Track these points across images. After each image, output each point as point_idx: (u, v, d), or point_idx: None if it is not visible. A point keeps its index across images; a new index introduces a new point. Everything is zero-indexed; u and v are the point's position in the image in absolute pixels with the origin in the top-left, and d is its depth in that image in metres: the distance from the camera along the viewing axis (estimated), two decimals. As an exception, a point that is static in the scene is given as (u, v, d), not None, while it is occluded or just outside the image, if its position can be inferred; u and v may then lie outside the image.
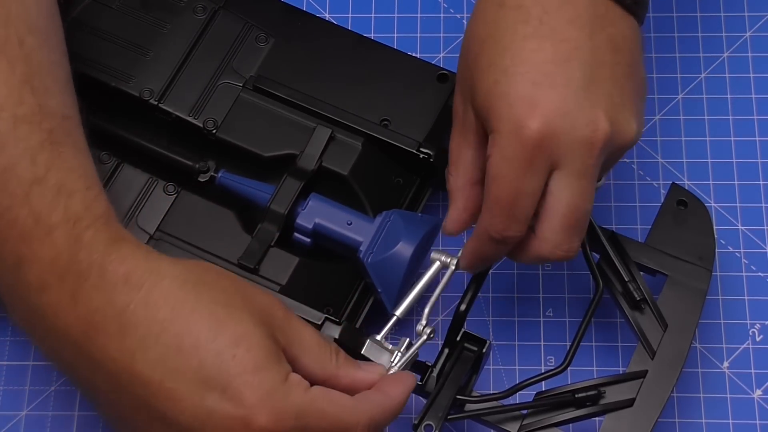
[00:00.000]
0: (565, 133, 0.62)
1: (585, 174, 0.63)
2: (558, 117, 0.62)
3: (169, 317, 0.59)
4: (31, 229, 0.60)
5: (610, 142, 0.63)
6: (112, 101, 0.75)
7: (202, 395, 0.58)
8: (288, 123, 0.75)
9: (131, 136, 0.75)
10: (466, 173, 0.67)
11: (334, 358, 0.63)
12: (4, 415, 0.76)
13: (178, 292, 0.59)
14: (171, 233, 0.73)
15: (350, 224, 0.72)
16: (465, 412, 0.69)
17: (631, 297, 0.70)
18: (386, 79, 0.76)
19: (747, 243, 0.79)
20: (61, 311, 0.60)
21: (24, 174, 0.60)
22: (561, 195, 0.63)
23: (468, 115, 0.67)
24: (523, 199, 0.63)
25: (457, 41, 0.85)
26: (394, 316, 0.69)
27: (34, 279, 0.60)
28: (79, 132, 0.64)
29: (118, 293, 0.59)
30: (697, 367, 0.76)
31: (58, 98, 0.63)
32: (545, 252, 0.65)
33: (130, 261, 0.60)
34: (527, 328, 0.77)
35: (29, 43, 0.62)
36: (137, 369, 0.59)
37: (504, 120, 0.62)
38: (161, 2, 0.77)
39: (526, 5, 0.64)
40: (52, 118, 0.62)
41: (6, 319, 0.78)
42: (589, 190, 0.64)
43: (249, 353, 0.58)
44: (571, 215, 0.64)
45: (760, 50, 0.84)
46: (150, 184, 0.75)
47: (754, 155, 0.81)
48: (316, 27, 0.78)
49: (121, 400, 0.60)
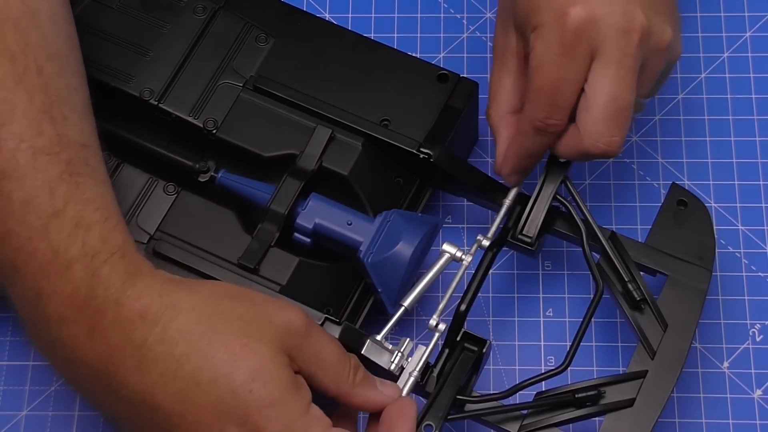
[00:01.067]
0: (604, 21, 0.65)
1: (624, 63, 0.65)
2: (597, 5, 0.64)
3: (186, 352, 0.59)
4: (50, 263, 0.60)
5: (647, 37, 0.65)
6: (112, 101, 0.75)
7: (222, 427, 0.59)
8: (288, 123, 0.75)
9: (131, 136, 0.75)
10: (507, 102, 0.70)
11: (351, 376, 0.63)
12: (4, 415, 0.76)
13: (194, 326, 0.60)
14: (171, 233, 0.73)
15: (350, 224, 0.72)
16: (465, 412, 0.69)
17: (631, 297, 0.70)
18: (386, 79, 0.76)
19: (747, 243, 0.79)
20: (80, 345, 0.60)
21: (43, 207, 0.60)
22: (601, 84, 0.65)
23: (509, 40, 0.69)
24: (565, 87, 0.65)
25: (457, 41, 0.85)
26: (402, 307, 0.69)
27: (53, 312, 0.60)
28: (97, 159, 0.64)
29: (135, 329, 0.60)
30: (697, 367, 0.76)
31: (77, 126, 0.63)
32: (587, 145, 0.66)
33: (146, 296, 0.60)
34: (527, 328, 0.77)
35: (48, 70, 0.63)
36: (158, 401, 0.60)
37: (546, 11, 0.65)
38: (161, 2, 0.77)
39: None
40: (71, 148, 0.62)
41: (6, 319, 0.78)
42: (629, 81, 0.65)
43: (265, 388, 0.59)
44: (612, 105, 0.65)
45: (760, 50, 0.84)
46: (150, 184, 0.75)
47: (754, 155, 0.81)
48: (316, 27, 0.78)
49: (144, 426, 0.61)
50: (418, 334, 0.77)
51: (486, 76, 0.84)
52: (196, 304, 0.60)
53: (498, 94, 0.71)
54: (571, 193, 0.72)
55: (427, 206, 0.78)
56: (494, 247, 0.71)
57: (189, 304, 0.60)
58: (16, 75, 0.62)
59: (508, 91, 0.70)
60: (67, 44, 0.66)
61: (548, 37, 0.65)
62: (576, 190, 0.72)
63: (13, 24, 0.62)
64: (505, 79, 0.70)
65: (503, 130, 0.71)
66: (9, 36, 0.62)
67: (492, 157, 0.81)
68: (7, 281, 0.62)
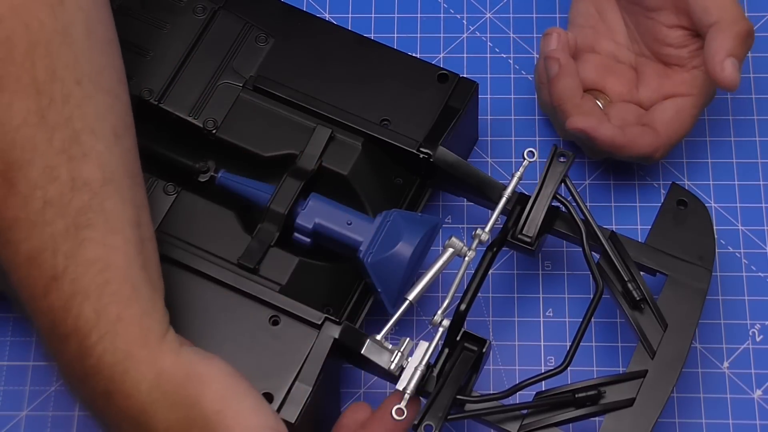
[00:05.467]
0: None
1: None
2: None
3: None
4: (50, 329, 0.61)
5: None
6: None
7: None
8: (288, 123, 0.75)
9: (131, 136, 0.75)
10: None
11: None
12: (4, 415, 0.76)
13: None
14: (171, 233, 0.73)
15: (350, 224, 0.72)
16: (465, 412, 0.69)
17: (631, 297, 0.70)
18: (386, 79, 0.76)
19: (747, 243, 0.79)
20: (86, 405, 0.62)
21: (45, 266, 0.60)
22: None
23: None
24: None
25: (457, 41, 0.85)
26: (407, 301, 0.69)
27: (62, 371, 0.62)
28: (116, 200, 0.62)
29: (124, 421, 0.61)
30: (697, 367, 0.76)
31: (99, 160, 0.61)
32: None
33: (132, 400, 0.60)
34: (527, 328, 0.77)
35: (76, 96, 0.61)
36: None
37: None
38: (161, 2, 0.77)
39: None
40: (84, 192, 0.61)
41: (6, 319, 0.78)
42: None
43: None
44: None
45: (760, 50, 0.84)
46: (150, 184, 0.75)
47: (754, 155, 0.81)
48: (316, 27, 0.78)
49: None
50: (418, 334, 0.77)
51: (486, 76, 0.84)
52: (171, 425, 0.60)
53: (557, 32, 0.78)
54: (571, 193, 0.72)
55: (427, 206, 0.78)
56: (494, 246, 0.71)
57: (163, 423, 0.60)
58: (40, 109, 0.60)
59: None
60: (103, 54, 0.64)
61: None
62: (576, 190, 0.72)
63: (44, 49, 0.60)
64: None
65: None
66: (38, 64, 0.60)
67: (492, 157, 0.82)
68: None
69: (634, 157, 0.76)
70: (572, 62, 0.77)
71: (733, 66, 0.73)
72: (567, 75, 0.76)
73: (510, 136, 0.83)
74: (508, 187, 0.72)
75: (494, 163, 0.82)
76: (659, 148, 0.76)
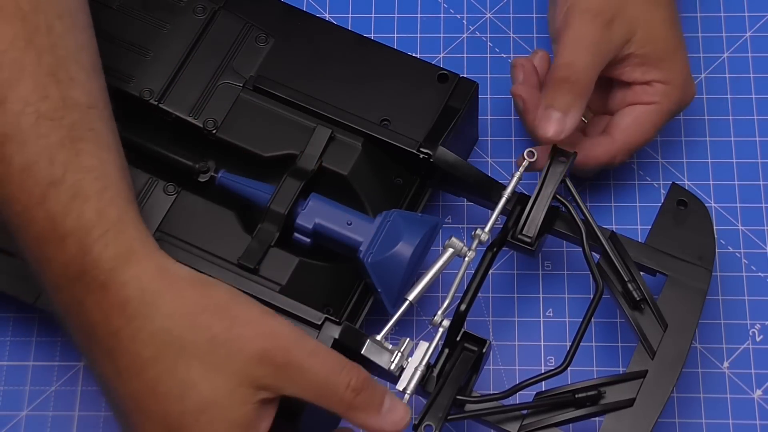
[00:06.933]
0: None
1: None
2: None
3: (152, 357, 0.60)
4: (47, 233, 0.61)
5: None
6: (112, 101, 0.75)
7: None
8: (288, 123, 0.75)
9: (131, 136, 0.75)
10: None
11: (348, 397, 0.62)
12: (4, 415, 0.76)
13: (165, 336, 0.60)
14: (171, 233, 0.73)
15: (350, 224, 0.72)
16: (465, 412, 0.69)
17: (631, 297, 0.70)
18: (386, 79, 0.76)
19: (747, 243, 0.79)
20: (70, 314, 0.62)
21: (41, 174, 0.61)
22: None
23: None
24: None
25: (457, 41, 0.85)
26: (407, 301, 0.69)
27: (49, 279, 0.62)
28: (102, 123, 0.64)
29: (114, 317, 0.60)
30: (697, 367, 0.76)
31: (84, 87, 0.63)
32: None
33: (131, 288, 0.60)
34: (527, 328, 0.77)
35: (57, 28, 0.63)
36: (119, 392, 0.61)
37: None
38: (161, 2, 0.77)
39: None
40: (75, 112, 0.62)
41: (6, 319, 0.78)
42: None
43: (210, 425, 0.60)
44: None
45: (760, 50, 0.84)
46: (150, 184, 0.75)
47: (754, 155, 0.81)
48: (316, 27, 0.78)
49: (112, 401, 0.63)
50: (418, 334, 0.77)
51: (486, 76, 0.84)
52: (175, 311, 0.60)
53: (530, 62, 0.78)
54: (571, 193, 0.72)
55: (427, 206, 0.78)
56: (494, 247, 0.71)
57: (168, 309, 0.60)
58: (27, 35, 0.62)
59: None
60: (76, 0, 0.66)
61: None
62: (576, 190, 0.72)
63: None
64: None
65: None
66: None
67: (492, 157, 0.82)
68: (13, 237, 0.63)
69: (598, 167, 0.77)
70: (536, 94, 0.75)
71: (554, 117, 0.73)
72: (532, 110, 0.75)
73: (510, 136, 0.83)
74: (508, 187, 0.72)
75: (494, 163, 0.82)
76: (616, 154, 0.77)
